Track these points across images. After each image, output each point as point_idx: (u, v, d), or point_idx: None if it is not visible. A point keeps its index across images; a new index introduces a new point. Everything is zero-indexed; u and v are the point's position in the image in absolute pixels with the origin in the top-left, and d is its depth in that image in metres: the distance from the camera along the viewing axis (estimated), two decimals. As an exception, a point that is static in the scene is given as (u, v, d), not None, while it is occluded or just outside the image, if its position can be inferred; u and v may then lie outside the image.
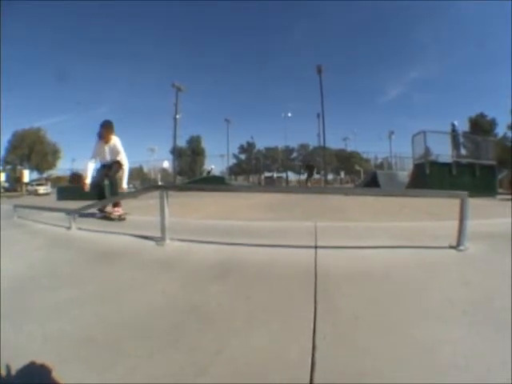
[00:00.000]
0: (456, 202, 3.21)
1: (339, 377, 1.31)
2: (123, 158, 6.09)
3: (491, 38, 71.52)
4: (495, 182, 14.92)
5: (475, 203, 6.19)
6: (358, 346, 1.51)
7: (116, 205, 5.88)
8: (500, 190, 17.25)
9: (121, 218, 5.69)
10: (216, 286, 2.30)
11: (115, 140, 6.02)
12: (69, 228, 4.63)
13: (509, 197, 13.15)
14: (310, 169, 23.65)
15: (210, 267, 2.72)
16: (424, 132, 14.27)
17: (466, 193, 3.26)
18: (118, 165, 6.09)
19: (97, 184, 6.17)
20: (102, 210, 6.09)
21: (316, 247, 3.15)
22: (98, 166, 6.29)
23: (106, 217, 5.84)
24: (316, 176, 24.72)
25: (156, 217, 3.74)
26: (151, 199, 5.90)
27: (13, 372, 1.38)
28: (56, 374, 1.36)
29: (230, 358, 1.44)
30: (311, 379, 1.28)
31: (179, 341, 1.59)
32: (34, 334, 1.73)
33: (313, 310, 1.86)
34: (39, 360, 1.44)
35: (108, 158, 6.05)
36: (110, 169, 6.11)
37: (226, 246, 3.34)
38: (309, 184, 22.74)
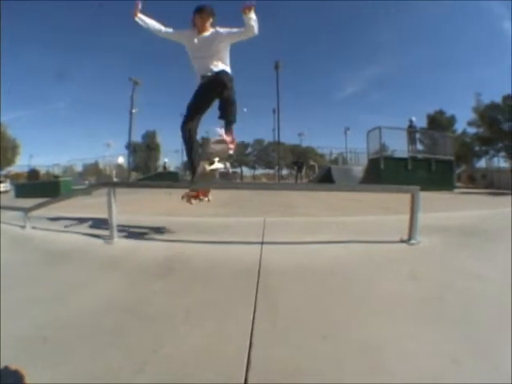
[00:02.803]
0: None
1: (275, 376, 1.33)
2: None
3: (452, 37, 75.19)
4: (452, 177, 15.81)
5: (432, 197, 6.49)
6: (295, 344, 1.53)
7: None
8: (459, 184, 18.26)
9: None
10: (159, 284, 2.33)
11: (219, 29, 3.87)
12: (23, 227, 4.53)
13: (466, 190, 13.95)
14: (299, 165, 24.07)
15: (154, 265, 2.76)
16: (379, 128, 15.02)
17: (417, 187, 3.40)
18: (228, 77, 3.84)
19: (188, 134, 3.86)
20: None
21: (263, 243, 3.22)
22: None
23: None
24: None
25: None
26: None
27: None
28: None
29: (166, 357, 1.46)
30: (246, 379, 1.31)
31: (120, 340, 1.61)
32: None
33: (253, 307, 1.89)
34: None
35: (208, 59, 3.84)
36: (221, 89, 3.71)
37: (173, 244, 3.43)
38: (298, 181, 22.88)
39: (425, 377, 1.32)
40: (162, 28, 4.00)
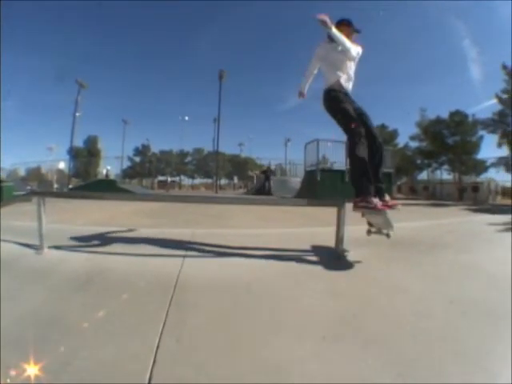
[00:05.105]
0: (349, 206, 3.45)
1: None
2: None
3: (401, 53, 79.51)
4: (391, 188, 16.64)
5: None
6: (198, 362, 1.58)
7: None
8: (399, 196, 19.14)
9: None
10: (78, 298, 2.33)
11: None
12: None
13: (406, 202, 14.68)
14: (265, 174, 23.89)
15: (77, 277, 2.75)
16: (317, 140, 15.71)
17: (343, 200, 3.52)
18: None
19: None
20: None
21: (184, 256, 3.27)
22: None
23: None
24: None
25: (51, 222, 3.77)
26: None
27: None
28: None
29: (77, 370, 1.50)
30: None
31: (33, 353, 1.58)
32: None
33: (162, 324, 1.93)
34: None
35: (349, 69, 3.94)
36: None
37: (98, 255, 3.43)
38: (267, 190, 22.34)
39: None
40: (311, 69, 4.32)
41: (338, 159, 16.43)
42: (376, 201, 3.36)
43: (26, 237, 3.86)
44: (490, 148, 29.69)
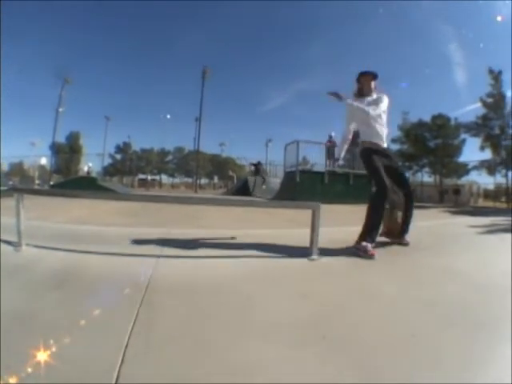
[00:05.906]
0: (327, 208, 3.46)
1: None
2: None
3: (384, 56, 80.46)
4: (371, 190, 16.80)
5: (348, 210, 6.82)
6: (164, 363, 1.59)
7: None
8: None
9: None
10: (52, 296, 2.34)
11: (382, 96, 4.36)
12: None
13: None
14: (256, 168, 23.76)
15: (54, 275, 2.76)
16: (297, 141, 16.02)
17: (318, 203, 3.60)
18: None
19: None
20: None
21: (159, 256, 3.30)
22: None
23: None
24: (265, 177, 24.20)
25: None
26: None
27: None
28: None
29: (41, 369, 1.50)
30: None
31: (3, 349, 1.61)
32: None
33: (132, 324, 1.95)
34: None
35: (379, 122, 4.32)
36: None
37: (75, 254, 3.43)
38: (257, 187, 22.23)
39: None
40: (347, 135, 4.72)
41: (318, 161, 16.76)
42: (369, 248, 3.74)
43: (6, 233, 3.85)
44: (472, 151, 30.36)
